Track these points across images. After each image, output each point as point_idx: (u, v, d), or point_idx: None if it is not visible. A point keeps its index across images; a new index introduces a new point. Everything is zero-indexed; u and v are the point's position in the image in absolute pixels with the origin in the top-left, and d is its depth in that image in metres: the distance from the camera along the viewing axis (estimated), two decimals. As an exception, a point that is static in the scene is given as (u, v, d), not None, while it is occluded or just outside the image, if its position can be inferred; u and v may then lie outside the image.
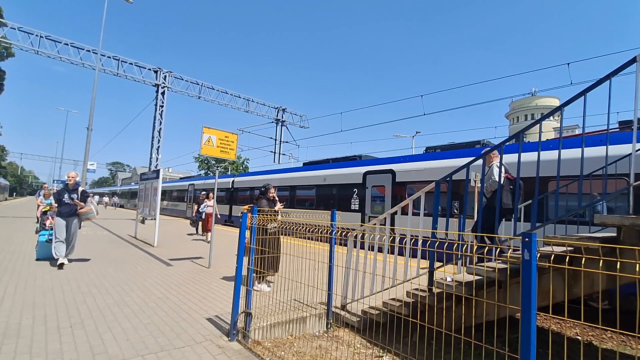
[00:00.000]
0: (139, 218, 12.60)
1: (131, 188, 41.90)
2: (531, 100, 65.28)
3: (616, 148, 5.60)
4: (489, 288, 3.45)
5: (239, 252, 3.80)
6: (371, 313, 4.25)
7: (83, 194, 7.11)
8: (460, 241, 3.95)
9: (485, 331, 3.44)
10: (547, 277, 3.18)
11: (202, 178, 27.61)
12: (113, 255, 8.19)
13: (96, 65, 17.45)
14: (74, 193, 6.98)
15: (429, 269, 3.86)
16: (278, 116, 30.82)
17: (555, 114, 3.51)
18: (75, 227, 7.06)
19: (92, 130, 16.19)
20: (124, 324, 3.89)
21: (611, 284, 3.41)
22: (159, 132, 24.49)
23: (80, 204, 6.96)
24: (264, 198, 5.90)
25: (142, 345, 3.36)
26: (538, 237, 1.98)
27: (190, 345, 3.45)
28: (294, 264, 4.47)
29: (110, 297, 4.85)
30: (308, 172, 15.03)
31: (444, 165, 9.50)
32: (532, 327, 1.82)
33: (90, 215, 7.26)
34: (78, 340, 3.39)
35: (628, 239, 3.03)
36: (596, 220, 3.13)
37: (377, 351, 3.78)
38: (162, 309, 4.46)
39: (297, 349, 3.71)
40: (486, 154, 3.73)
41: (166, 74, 24.59)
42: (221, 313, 4.34)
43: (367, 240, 4.65)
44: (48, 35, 20.59)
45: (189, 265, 7.38)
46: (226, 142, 7.62)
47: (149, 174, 11.86)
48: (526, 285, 1.83)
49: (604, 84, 3.17)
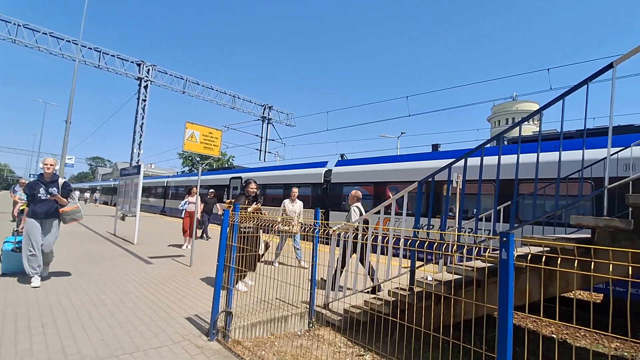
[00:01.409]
0: (118, 215, 12.29)
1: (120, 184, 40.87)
2: (512, 105, 66.91)
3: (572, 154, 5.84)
4: (468, 287, 3.50)
5: (220, 250, 3.74)
6: (353, 312, 4.25)
7: (65, 188, 5.36)
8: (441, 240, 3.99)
9: (466, 330, 3.49)
10: (525, 277, 3.25)
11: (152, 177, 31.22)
12: (91, 252, 7.95)
13: (76, 56, 16.90)
14: (53, 186, 5.22)
15: (410, 268, 3.89)
16: (264, 114, 30.58)
17: (534, 117, 3.59)
18: (55, 232, 5.34)
19: (71, 124, 15.68)
20: (99, 323, 3.77)
21: (585, 284, 3.51)
22: (141, 126, 23.90)
23: (62, 200, 5.23)
24: (243, 195, 5.69)
25: (117, 345, 3.27)
26: (516, 238, 2.01)
27: (167, 345, 3.37)
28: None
29: (86, 295, 4.70)
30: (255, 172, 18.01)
31: (365, 169, 11.99)
32: (508, 325, 1.85)
33: (78, 215, 5.50)
34: (49, 340, 3.27)
35: (602, 240, 3.12)
36: (572, 221, 3.22)
37: (358, 350, 3.79)
38: (139, 307, 4.35)
39: (277, 348, 3.67)
40: (467, 156, 3.78)
41: (149, 68, 24.01)
42: (201, 312, 4.26)
43: (350, 239, 4.66)
44: (26, 24, 19.80)
45: (170, 264, 7.23)
46: (210, 138, 7.49)
47: (129, 170, 11.58)
48: (503, 284, 1.86)
49: (582, 88, 3.26)
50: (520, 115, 66.36)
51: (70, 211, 5.37)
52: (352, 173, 12.10)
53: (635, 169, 6.11)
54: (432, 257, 3.64)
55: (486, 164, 3.69)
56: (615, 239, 3.04)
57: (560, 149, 3.44)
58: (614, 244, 3.00)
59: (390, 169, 10.78)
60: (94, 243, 9.48)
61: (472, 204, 7.92)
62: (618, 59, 3.12)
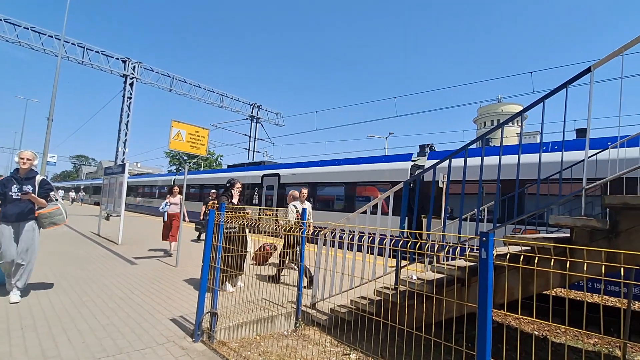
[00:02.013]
0: (102, 214, 12.05)
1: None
2: (497, 107, 68.36)
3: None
4: (452, 286, 3.56)
5: (205, 250, 3.71)
6: (339, 311, 4.27)
7: (43, 186, 4.61)
8: (429, 240, 4.05)
9: (452, 328, 3.55)
10: (506, 276, 3.32)
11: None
12: (73, 253, 7.77)
13: (59, 52, 16.49)
14: (28, 184, 4.46)
15: (396, 267, 3.93)
16: (253, 113, 30.38)
17: (516, 119, 3.67)
18: (32, 239, 4.50)
19: (53, 121, 15.29)
20: (80, 325, 3.69)
21: (564, 282, 3.61)
22: (126, 125, 23.45)
23: (38, 201, 4.49)
24: (224, 194, 5.63)
25: (99, 348, 3.21)
26: (498, 238, 2.06)
27: (151, 347, 3.32)
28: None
29: (67, 297, 4.60)
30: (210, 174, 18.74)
31: (308, 171, 12.81)
32: (487, 322, 1.89)
33: (58, 218, 4.71)
34: (29, 343, 3.19)
35: (580, 239, 3.21)
36: (551, 221, 3.31)
37: (344, 349, 3.81)
38: (123, 309, 4.28)
39: (263, 349, 3.67)
40: (452, 157, 3.84)
41: (135, 65, 23.58)
42: (186, 313, 4.21)
43: (337, 239, 4.67)
44: (7, 18, 19.22)
45: (155, 264, 7.13)
46: (197, 137, 7.41)
47: (114, 168, 11.37)
48: (483, 283, 1.90)
49: (563, 91, 3.35)
50: (505, 117, 67.74)
51: (48, 213, 4.61)
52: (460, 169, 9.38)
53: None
54: (416, 256, 3.69)
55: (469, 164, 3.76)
56: (592, 238, 3.13)
57: (540, 151, 3.53)
58: (592, 243, 3.10)
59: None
60: (76, 243, 9.26)
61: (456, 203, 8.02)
62: (596, 63, 3.22)
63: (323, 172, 13.05)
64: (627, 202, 2.85)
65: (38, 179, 4.60)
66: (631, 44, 2.90)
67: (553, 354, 4.40)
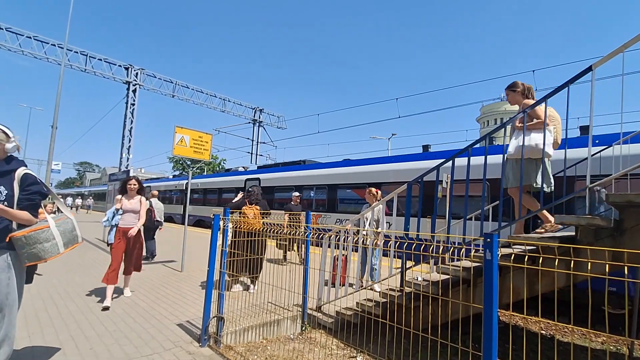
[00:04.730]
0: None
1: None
2: (500, 105, 68.06)
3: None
4: (458, 287, 3.56)
5: (211, 255, 3.73)
6: (345, 314, 4.27)
7: (27, 186, 2.58)
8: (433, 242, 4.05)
9: (458, 329, 3.54)
10: (511, 276, 3.31)
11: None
12: (78, 260, 7.82)
13: (62, 60, 16.65)
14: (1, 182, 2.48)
15: (401, 268, 3.93)
16: (255, 116, 30.51)
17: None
18: (6, 286, 2.47)
19: (57, 129, 15.42)
20: (87, 332, 3.72)
21: (569, 282, 3.59)
22: (130, 131, 23.62)
23: (18, 216, 2.52)
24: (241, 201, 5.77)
25: (106, 355, 3.23)
26: (503, 238, 2.06)
27: (158, 352, 3.34)
28: (270, 266, 4.43)
29: (73, 303, 4.63)
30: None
31: (289, 175, 13.03)
32: (493, 323, 1.89)
33: (47, 246, 2.70)
34: (36, 351, 3.22)
35: (585, 237, 3.20)
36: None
37: (350, 352, 3.81)
38: (129, 315, 4.30)
39: (270, 353, 3.67)
40: (454, 157, 3.85)
41: (138, 71, 23.78)
42: (193, 318, 4.23)
43: (341, 242, 4.68)
44: (9, 27, 19.46)
45: (161, 269, 7.16)
46: (200, 143, 7.46)
47: (118, 175, 11.45)
48: (488, 284, 1.90)
49: (565, 90, 3.34)
50: (508, 116, 67.51)
51: (32, 235, 2.55)
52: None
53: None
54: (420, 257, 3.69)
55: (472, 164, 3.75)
56: (597, 237, 3.12)
57: (544, 149, 3.52)
58: (596, 242, 3.09)
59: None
60: (81, 250, 9.32)
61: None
62: (597, 62, 3.21)
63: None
64: (631, 200, 2.84)
65: (19, 173, 2.58)
66: (631, 42, 2.90)
67: (560, 353, 4.38)
